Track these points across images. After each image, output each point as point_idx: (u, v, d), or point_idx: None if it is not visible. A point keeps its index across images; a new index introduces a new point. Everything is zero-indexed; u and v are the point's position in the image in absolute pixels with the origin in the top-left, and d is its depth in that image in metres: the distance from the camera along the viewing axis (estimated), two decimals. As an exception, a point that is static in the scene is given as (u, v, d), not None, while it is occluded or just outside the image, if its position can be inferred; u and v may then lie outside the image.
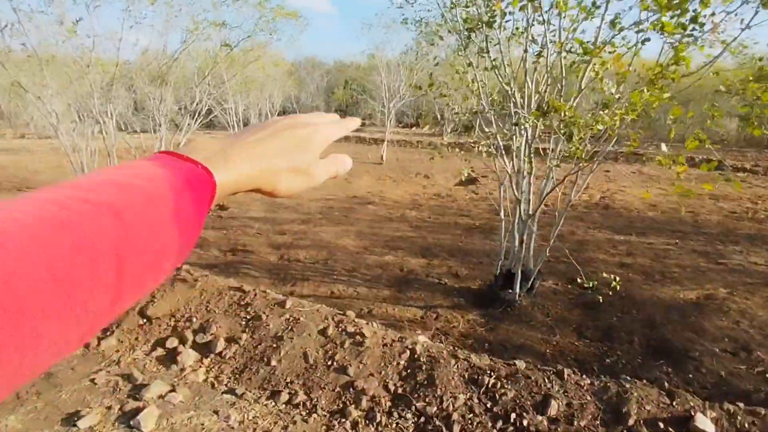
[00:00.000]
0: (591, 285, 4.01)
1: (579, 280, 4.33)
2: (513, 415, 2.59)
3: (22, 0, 5.41)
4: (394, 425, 2.65)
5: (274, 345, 3.24)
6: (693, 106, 5.81)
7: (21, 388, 3.06)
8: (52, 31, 5.85)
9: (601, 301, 4.06)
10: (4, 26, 5.73)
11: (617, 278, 3.86)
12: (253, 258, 5.63)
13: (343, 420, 2.70)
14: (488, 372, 2.89)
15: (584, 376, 2.86)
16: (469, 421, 2.60)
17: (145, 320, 3.71)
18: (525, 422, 2.54)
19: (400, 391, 2.86)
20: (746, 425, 2.45)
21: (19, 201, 0.27)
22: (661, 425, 2.46)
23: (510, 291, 4.46)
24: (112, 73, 6.07)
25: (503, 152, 3.90)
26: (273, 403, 2.84)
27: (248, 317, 3.57)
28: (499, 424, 2.57)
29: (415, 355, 3.09)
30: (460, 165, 12.24)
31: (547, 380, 2.81)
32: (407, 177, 12.07)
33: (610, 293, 4.04)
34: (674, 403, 2.59)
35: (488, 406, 2.69)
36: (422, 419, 2.66)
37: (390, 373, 2.98)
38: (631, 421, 2.48)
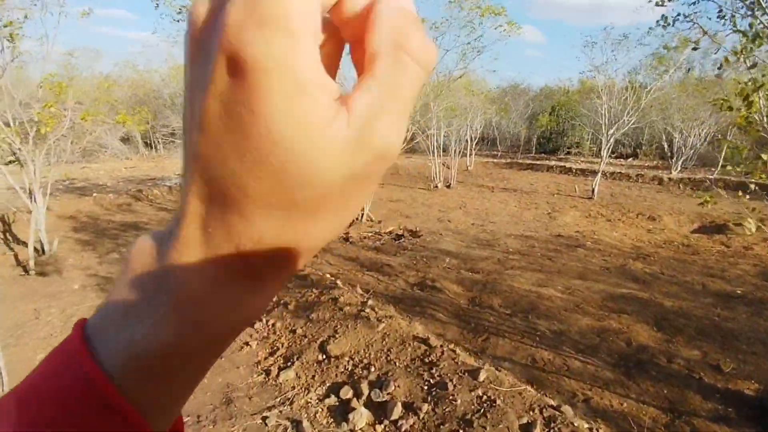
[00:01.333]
0: None
1: None
2: None
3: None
4: None
5: (461, 431, 2.52)
6: None
7: (203, 412, 3.02)
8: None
9: None
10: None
11: None
12: (442, 297, 5.06)
13: None
14: None
15: None
16: None
17: (324, 356, 3.43)
18: None
19: None
20: None
21: None
22: None
23: (826, 416, 2.86)
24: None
25: None
26: None
27: (432, 381, 2.95)
28: None
29: None
30: (694, 205, 9.77)
31: None
32: (626, 216, 10.10)
33: None
34: None
35: None
36: None
37: None
38: None
